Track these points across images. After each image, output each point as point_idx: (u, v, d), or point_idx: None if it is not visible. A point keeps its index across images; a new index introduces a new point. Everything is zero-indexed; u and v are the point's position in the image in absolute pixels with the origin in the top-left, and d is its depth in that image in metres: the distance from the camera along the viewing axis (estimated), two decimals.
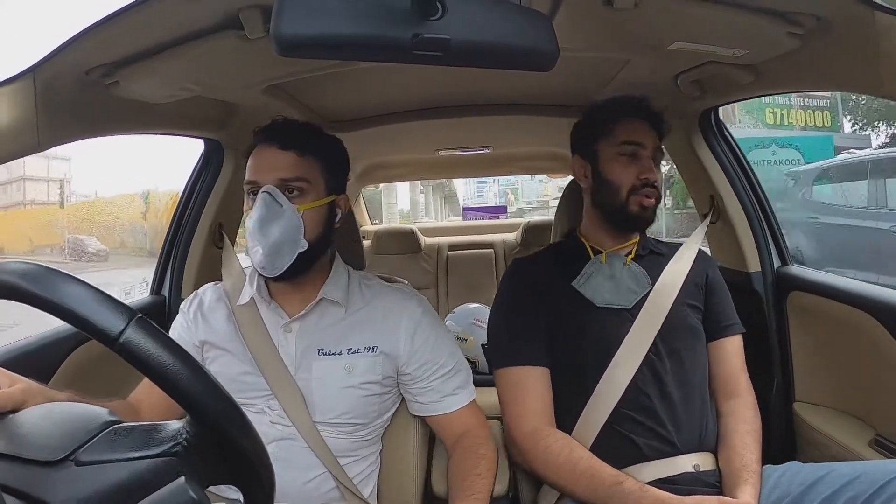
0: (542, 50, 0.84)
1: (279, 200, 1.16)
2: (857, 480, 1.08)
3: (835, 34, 1.08)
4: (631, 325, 1.32)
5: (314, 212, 1.21)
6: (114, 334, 0.56)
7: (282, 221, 1.15)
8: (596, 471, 1.19)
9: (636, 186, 1.36)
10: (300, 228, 1.17)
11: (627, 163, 1.37)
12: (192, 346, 1.29)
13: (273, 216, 1.15)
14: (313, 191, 1.21)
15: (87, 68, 1.11)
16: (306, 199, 1.19)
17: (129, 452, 0.60)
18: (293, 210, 1.17)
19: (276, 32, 0.75)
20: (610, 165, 1.39)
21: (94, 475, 0.58)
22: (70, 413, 0.67)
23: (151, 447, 0.60)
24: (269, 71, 1.41)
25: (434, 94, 1.98)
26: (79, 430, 0.62)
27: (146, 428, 0.63)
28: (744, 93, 1.55)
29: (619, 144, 1.38)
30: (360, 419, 1.25)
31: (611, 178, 1.38)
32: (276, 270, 1.17)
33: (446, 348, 1.31)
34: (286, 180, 1.18)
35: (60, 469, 0.58)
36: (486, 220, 5.85)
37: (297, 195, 1.19)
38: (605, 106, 1.46)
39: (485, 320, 2.52)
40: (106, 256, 18.94)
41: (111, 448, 0.60)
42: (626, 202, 1.36)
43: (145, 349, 0.57)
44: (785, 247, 1.87)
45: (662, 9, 1.09)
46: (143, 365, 0.57)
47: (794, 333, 1.74)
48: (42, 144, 1.06)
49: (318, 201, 1.21)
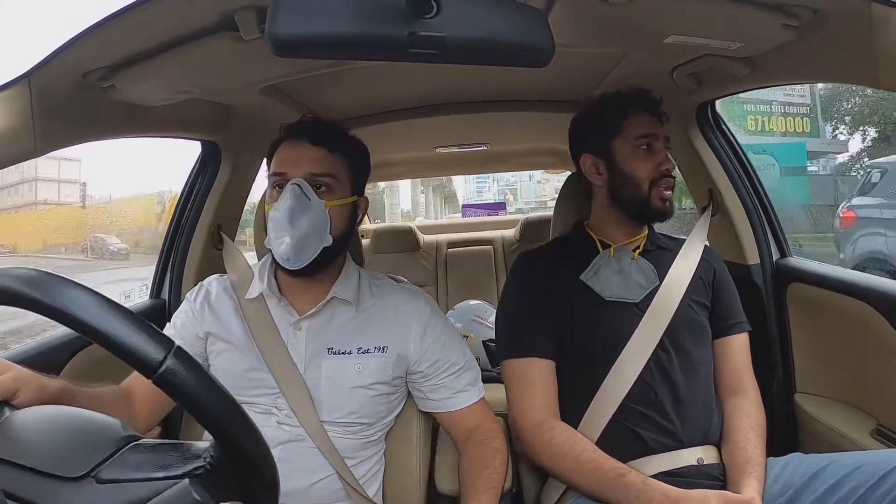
0: (537, 46, 0.84)
1: (307, 194, 1.17)
2: (858, 470, 1.09)
3: (831, 26, 1.08)
4: (640, 321, 1.33)
5: (340, 209, 1.22)
6: (154, 365, 0.57)
7: (310, 214, 1.16)
8: (599, 463, 1.19)
9: (656, 178, 1.37)
10: (327, 223, 1.18)
11: (645, 156, 1.38)
12: (195, 337, 1.29)
13: (302, 208, 1.16)
14: (339, 188, 1.22)
15: (84, 72, 1.11)
16: (333, 196, 1.21)
17: (151, 472, 0.60)
18: (321, 205, 1.18)
19: (272, 33, 0.75)
20: (629, 161, 1.39)
21: (114, 493, 0.58)
22: (87, 424, 0.66)
23: (174, 468, 0.60)
24: (265, 71, 1.41)
25: (431, 92, 1.98)
26: (98, 445, 0.62)
27: (168, 447, 0.63)
28: (740, 85, 1.55)
29: (635, 139, 1.38)
30: (367, 419, 1.25)
31: (632, 173, 1.38)
32: (300, 263, 1.17)
33: (456, 345, 1.32)
34: (315, 175, 1.19)
35: (81, 486, 0.58)
36: (485, 216, 5.84)
37: (324, 191, 1.20)
38: (611, 102, 1.45)
39: (485, 317, 2.53)
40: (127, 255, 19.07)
41: (133, 466, 0.60)
42: (649, 196, 1.37)
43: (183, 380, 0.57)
44: (784, 238, 1.87)
45: (658, 2, 1.09)
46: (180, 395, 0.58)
47: (795, 325, 1.74)
48: (39, 149, 1.06)
49: (344, 199, 1.23)
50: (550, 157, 3.42)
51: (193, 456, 0.61)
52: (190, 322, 1.30)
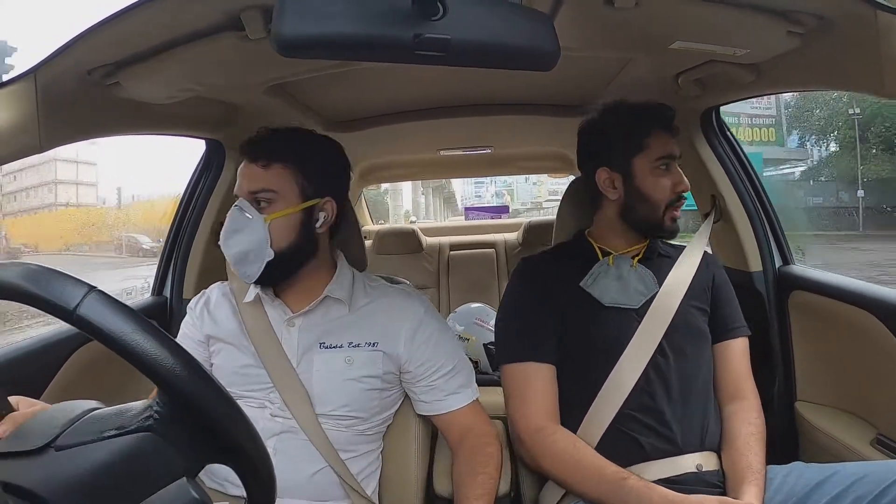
0: (543, 50, 0.84)
1: (247, 213, 1.20)
2: (862, 481, 1.08)
3: (836, 33, 1.08)
4: (638, 326, 1.32)
5: (283, 220, 1.22)
6: (70, 307, 0.57)
7: (245, 233, 1.19)
8: (600, 468, 1.19)
9: (672, 201, 1.37)
10: (265, 239, 1.19)
11: (664, 176, 1.37)
12: (197, 342, 1.32)
13: (238, 228, 1.20)
14: (282, 200, 1.22)
15: (89, 69, 1.11)
16: (275, 209, 1.21)
17: (104, 432, 0.60)
18: (260, 221, 1.19)
19: (277, 33, 0.75)
20: (648, 181, 1.37)
21: (73, 458, 0.58)
22: (56, 408, 0.67)
23: (125, 424, 0.60)
24: (270, 71, 1.41)
25: (435, 94, 1.98)
26: (59, 420, 0.62)
27: (120, 409, 0.63)
28: (745, 92, 1.55)
29: (655, 160, 1.37)
30: (359, 413, 1.26)
31: (649, 194, 1.37)
32: (248, 277, 1.21)
33: (447, 348, 1.32)
34: (253, 192, 1.21)
35: (41, 456, 0.59)
36: (487, 218, 5.85)
37: (265, 206, 1.21)
38: (633, 117, 1.42)
39: (486, 320, 2.52)
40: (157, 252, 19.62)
41: (89, 431, 0.61)
42: (663, 218, 1.37)
43: (101, 320, 0.57)
44: (787, 246, 1.86)
45: (663, 8, 1.09)
46: (100, 334, 0.57)
47: (796, 332, 1.74)
48: (44, 145, 1.07)
49: (288, 210, 1.22)
50: (554, 161, 3.43)
51: (141, 408, 0.62)
52: (191, 329, 1.35)
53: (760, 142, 19.38)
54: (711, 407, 1.34)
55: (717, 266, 1.48)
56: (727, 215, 1.83)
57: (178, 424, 0.61)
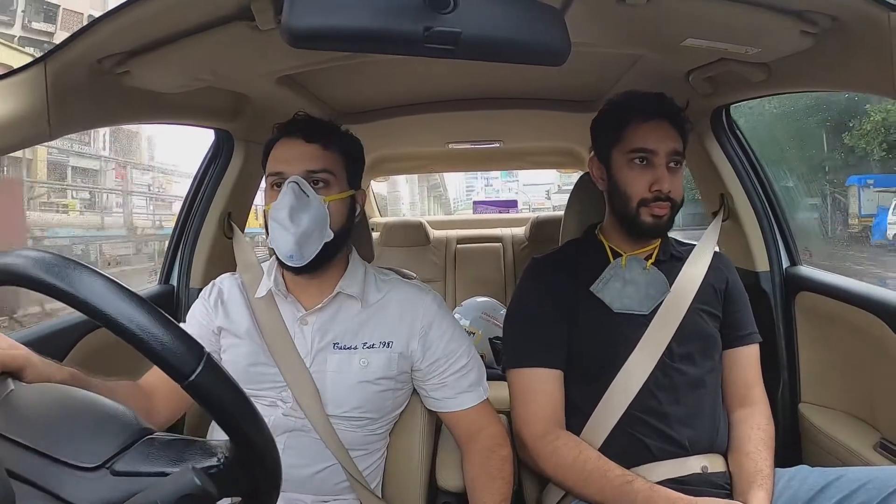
0: (553, 44, 0.84)
1: (306, 191, 1.18)
2: (866, 486, 1.08)
3: (849, 34, 1.07)
4: (646, 330, 1.31)
5: (338, 204, 1.23)
6: (187, 372, 0.57)
7: (310, 211, 1.17)
8: (605, 471, 1.19)
9: (647, 199, 1.31)
10: (327, 218, 1.19)
11: (640, 172, 1.31)
12: (210, 332, 1.32)
13: (302, 206, 1.17)
14: (337, 183, 1.23)
15: (99, 57, 1.11)
16: (331, 191, 1.22)
17: (166, 467, 0.60)
18: (319, 201, 1.19)
19: (288, 24, 0.75)
20: (622, 174, 1.34)
21: (128, 486, 0.58)
22: (100, 412, 0.66)
23: (189, 464, 0.60)
24: (280, 62, 1.41)
25: (445, 87, 1.98)
26: (113, 436, 0.62)
27: (184, 443, 0.63)
28: (756, 91, 1.54)
29: (629, 152, 1.32)
30: (372, 413, 1.26)
31: (622, 187, 1.34)
32: (303, 259, 1.18)
33: (460, 345, 1.31)
34: (312, 171, 1.20)
35: (95, 476, 0.58)
36: (496, 213, 5.85)
37: (321, 187, 1.21)
38: (617, 106, 1.40)
39: (493, 314, 2.53)
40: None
41: (148, 460, 0.60)
42: (637, 213, 1.32)
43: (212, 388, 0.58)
44: (794, 247, 1.85)
45: (675, 5, 1.08)
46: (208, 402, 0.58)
47: (802, 334, 1.73)
48: (53, 133, 1.07)
49: (342, 194, 1.24)
50: (563, 156, 3.42)
51: (208, 454, 0.62)
52: (204, 318, 1.33)
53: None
54: (720, 411, 1.33)
55: (731, 269, 1.45)
56: (735, 214, 1.82)
57: (236, 477, 0.62)
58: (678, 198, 1.33)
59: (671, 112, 1.34)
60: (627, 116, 1.34)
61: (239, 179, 1.86)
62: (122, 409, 0.67)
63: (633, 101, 1.38)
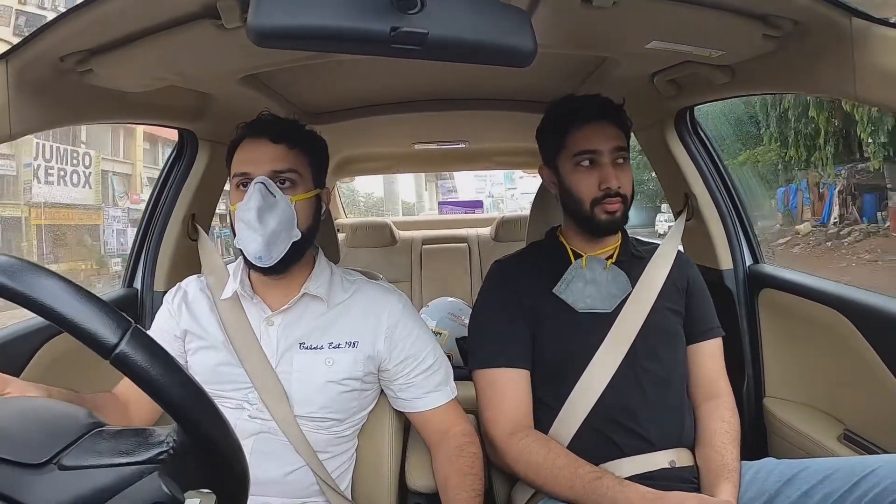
0: (520, 46, 0.84)
1: (273, 191, 1.17)
2: (831, 477, 1.10)
3: (811, 38, 1.10)
4: (610, 328, 1.32)
5: (305, 203, 1.22)
6: (110, 346, 0.55)
7: (277, 211, 1.17)
8: (575, 468, 1.19)
9: (598, 198, 1.34)
10: (294, 218, 1.19)
11: (587, 173, 1.35)
12: (173, 336, 1.30)
13: (269, 206, 1.16)
14: (303, 183, 1.23)
15: (61, 55, 1.09)
16: (297, 191, 1.22)
17: (114, 458, 0.59)
18: (286, 201, 1.18)
19: (254, 23, 0.74)
20: (571, 178, 1.37)
21: (77, 480, 0.57)
22: (50, 412, 0.65)
23: (137, 454, 0.59)
24: (246, 62, 1.39)
25: (411, 88, 1.97)
26: (62, 432, 0.60)
27: (131, 433, 0.62)
28: (719, 93, 1.56)
29: (574, 156, 1.36)
30: (338, 414, 1.25)
31: (573, 190, 1.36)
32: (272, 259, 1.17)
33: (427, 344, 1.31)
34: (279, 171, 1.20)
35: (43, 472, 0.57)
36: (461, 213, 5.83)
37: (288, 186, 1.21)
38: (558, 113, 1.42)
39: (460, 315, 2.52)
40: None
41: (95, 452, 0.59)
42: (592, 213, 1.35)
43: (140, 362, 0.56)
44: (757, 245, 1.89)
45: (640, 8, 1.09)
46: (136, 376, 0.56)
47: (765, 330, 1.77)
48: (14, 133, 1.05)
49: (308, 193, 1.24)
50: (528, 156, 3.43)
51: (157, 441, 0.60)
52: (167, 323, 1.32)
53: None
54: (686, 406, 1.35)
55: (692, 266, 1.49)
56: (699, 213, 1.85)
57: (187, 461, 0.60)
58: (628, 192, 1.36)
59: (610, 111, 1.38)
60: (568, 121, 1.38)
61: (203, 181, 1.83)
62: (73, 408, 0.66)
63: (572, 105, 1.40)
